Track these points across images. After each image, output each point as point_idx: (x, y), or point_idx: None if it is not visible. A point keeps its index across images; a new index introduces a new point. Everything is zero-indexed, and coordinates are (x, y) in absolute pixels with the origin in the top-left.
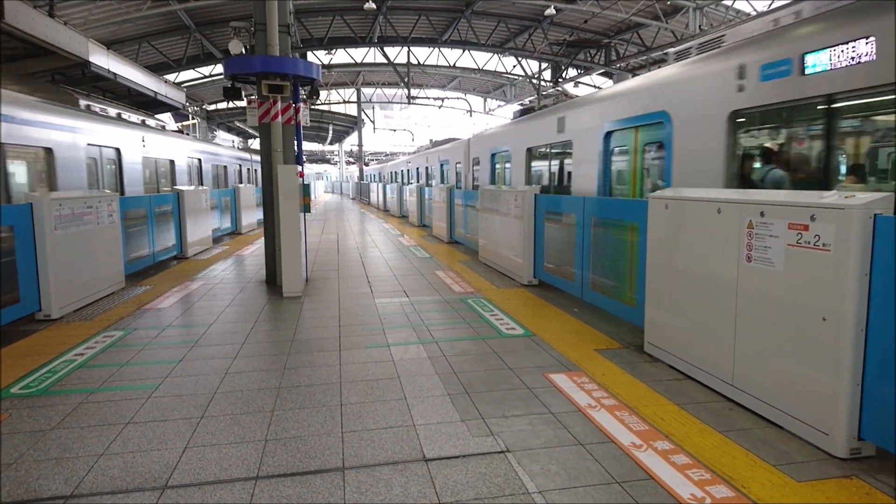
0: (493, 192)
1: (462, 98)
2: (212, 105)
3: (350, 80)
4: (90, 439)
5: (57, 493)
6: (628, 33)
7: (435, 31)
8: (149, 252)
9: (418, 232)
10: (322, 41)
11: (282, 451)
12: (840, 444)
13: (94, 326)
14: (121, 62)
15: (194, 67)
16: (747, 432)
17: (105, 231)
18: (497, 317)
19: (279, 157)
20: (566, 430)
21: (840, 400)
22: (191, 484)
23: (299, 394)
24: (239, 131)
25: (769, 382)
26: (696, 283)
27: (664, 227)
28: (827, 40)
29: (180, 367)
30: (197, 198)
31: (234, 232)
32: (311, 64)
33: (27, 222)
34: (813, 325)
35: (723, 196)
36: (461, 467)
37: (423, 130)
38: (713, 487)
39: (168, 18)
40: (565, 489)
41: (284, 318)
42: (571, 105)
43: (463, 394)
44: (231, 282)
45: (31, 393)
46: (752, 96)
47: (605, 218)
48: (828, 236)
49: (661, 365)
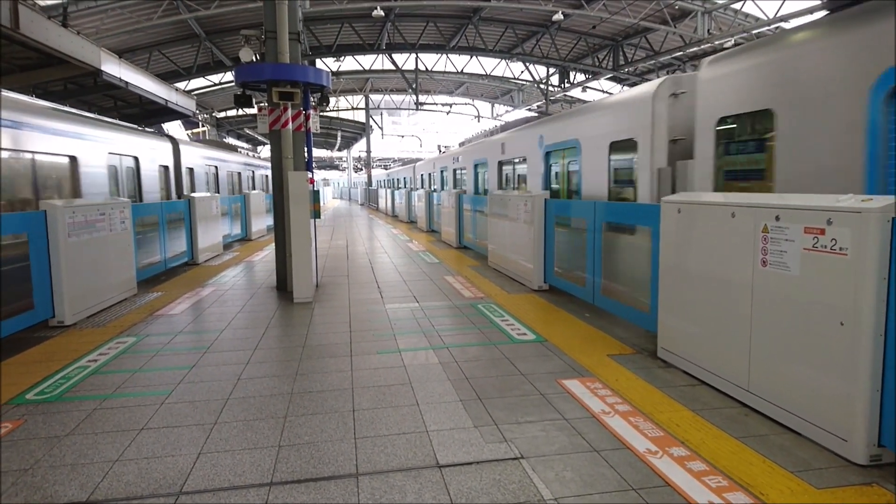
0: (503, 197)
1: (470, 103)
2: (221, 112)
3: (358, 87)
4: (105, 445)
5: (73, 498)
6: (636, 38)
7: (443, 37)
8: (160, 258)
9: (427, 237)
10: (331, 48)
11: (295, 457)
12: (859, 451)
13: (107, 333)
14: (132, 71)
15: (204, 75)
16: (764, 438)
17: (117, 238)
18: (508, 322)
19: (290, 164)
20: (580, 436)
21: (859, 406)
22: (205, 490)
23: (312, 399)
24: (248, 138)
25: (786, 388)
26: (711, 287)
27: (677, 231)
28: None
29: (193, 373)
30: (208, 204)
31: (244, 238)
32: (320, 71)
33: (41, 230)
34: (830, 329)
35: (737, 200)
36: (475, 474)
37: (431, 136)
38: (731, 494)
39: (179, 27)
40: (581, 496)
41: (295, 323)
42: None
43: (475, 400)
44: (242, 288)
45: (45, 399)
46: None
47: (616, 223)
48: (844, 240)
49: (675, 370)
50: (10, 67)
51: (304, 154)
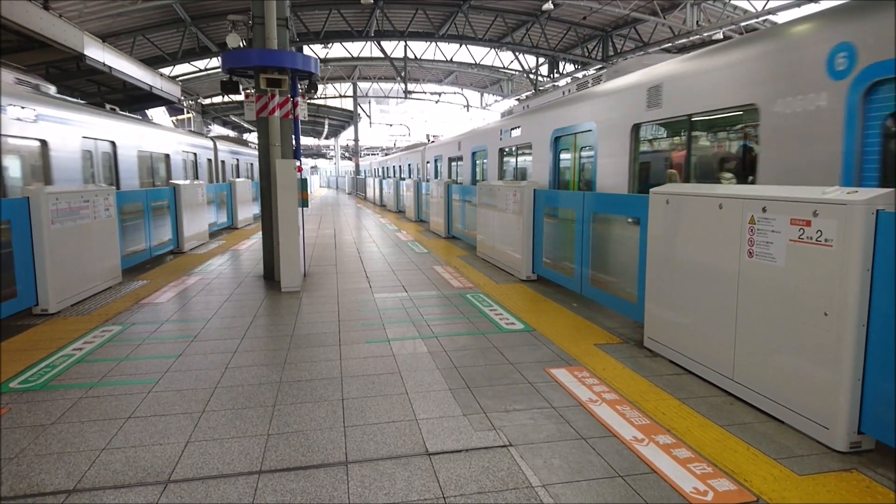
0: (492, 187)
1: (459, 93)
2: (207, 99)
3: (346, 75)
4: (91, 434)
5: (59, 487)
6: (626, 28)
7: (432, 25)
8: (145, 246)
9: (415, 227)
10: (318, 35)
11: (284, 445)
12: (840, 438)
13: (92, 321)
14: (116, 55)
15: (189, 61)
16: (748, 426)
17: (102, 225)
18: (496, 312)
19: (277, 152)
20: (568, 424)
21: (841, 394)
22: (194, 478)
23: (300, 388)
24: (234, 125)
25: (770, 377)
26: (697, 278)
27: (665, 222)
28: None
29: (180, 362)
30: (193, 192)
31: (230, 226)
32: (309, 58)
33: (24, 216)
34: (814, 320)
35: (724, 192)
36: (464, 461)
37: (420, 125)
38: (715, 481)
39: (163, 12)
40: (568, 483)
41: (283, 312)
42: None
43: (464, 388)
44: (228, 276)
45: (30, 387)
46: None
47: (604, 213)
48: (830, 232)
49: (661, 360)
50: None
51: (292, 142)
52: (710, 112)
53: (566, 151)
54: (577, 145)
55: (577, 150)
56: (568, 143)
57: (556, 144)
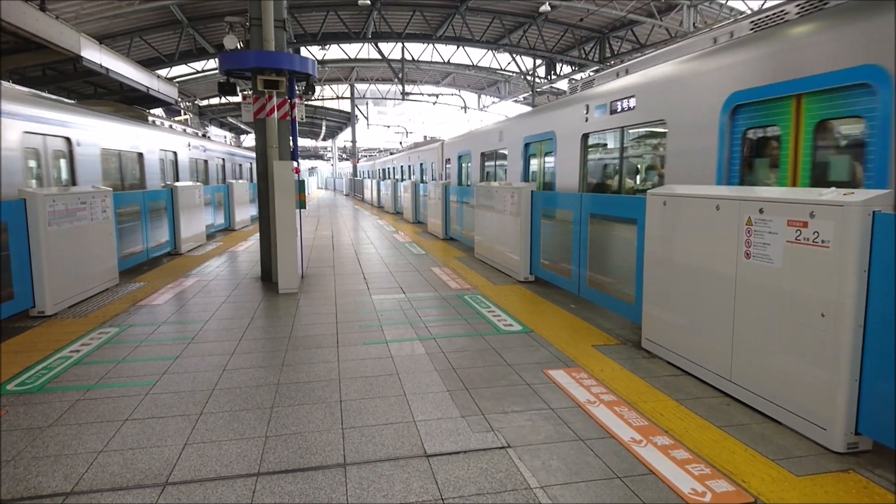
0: (489, 188)
1: (456, 94)
2: (204, 101)
3: (344, 76)
4: (89, 436)
5: (57, 489)
6: (623, 30)
7: (429, 26)
8: (142, 248)
9: (413, 228)
10: (316, 36)
11: (283, 447)
12: (838, 439)
13: (89, 323)
14: (113, 57)
15: (187, 63)
16: (746, 427)
17: (99, 227)
18: (494, 313)
19: (275, 154)
20: (566, 425)
21: (838, 395)
22: (192, 480)
23: (298, 390)
24: (231, 127)
25: (767, 378)
26: (694, 279)
27: (662, 223)
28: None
29: (177, 364)
30: (190, 193)
31: (227, 228)
32: (306, 59)
33: (21, 218)
34: (812, 321)
35: (722, 193)
36: (462, 463)
37: (417, 126)
38: (713, 482)
39: (160, 13)
40: (567, 484)
41: (281, 314)
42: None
43: (462, 390)
44: (226, 278)
45: (27, 390)
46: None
47: (602, 214)
48: (827, 233)
49: (659, 361)
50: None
51: (290, 143)
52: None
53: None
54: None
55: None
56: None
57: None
